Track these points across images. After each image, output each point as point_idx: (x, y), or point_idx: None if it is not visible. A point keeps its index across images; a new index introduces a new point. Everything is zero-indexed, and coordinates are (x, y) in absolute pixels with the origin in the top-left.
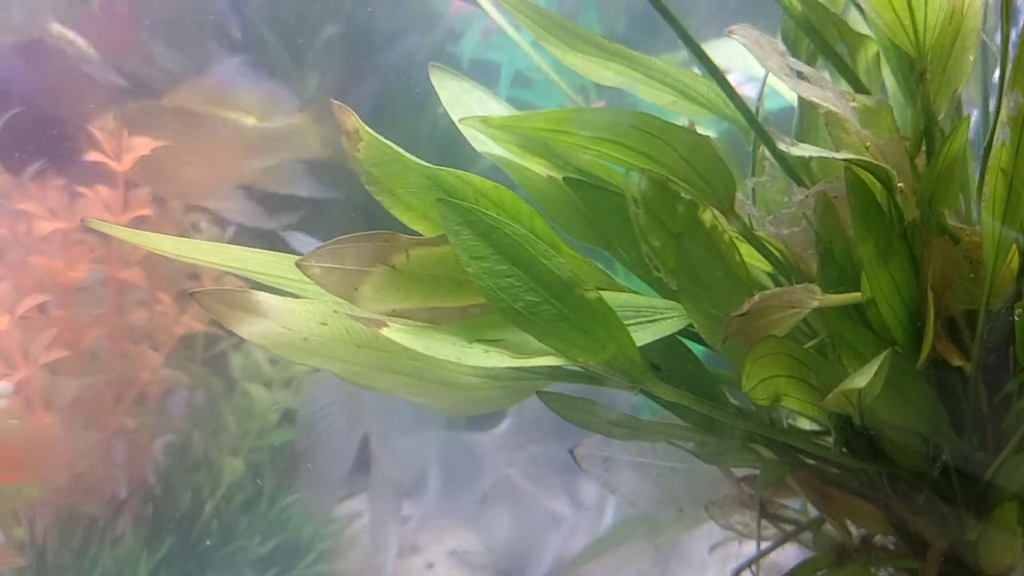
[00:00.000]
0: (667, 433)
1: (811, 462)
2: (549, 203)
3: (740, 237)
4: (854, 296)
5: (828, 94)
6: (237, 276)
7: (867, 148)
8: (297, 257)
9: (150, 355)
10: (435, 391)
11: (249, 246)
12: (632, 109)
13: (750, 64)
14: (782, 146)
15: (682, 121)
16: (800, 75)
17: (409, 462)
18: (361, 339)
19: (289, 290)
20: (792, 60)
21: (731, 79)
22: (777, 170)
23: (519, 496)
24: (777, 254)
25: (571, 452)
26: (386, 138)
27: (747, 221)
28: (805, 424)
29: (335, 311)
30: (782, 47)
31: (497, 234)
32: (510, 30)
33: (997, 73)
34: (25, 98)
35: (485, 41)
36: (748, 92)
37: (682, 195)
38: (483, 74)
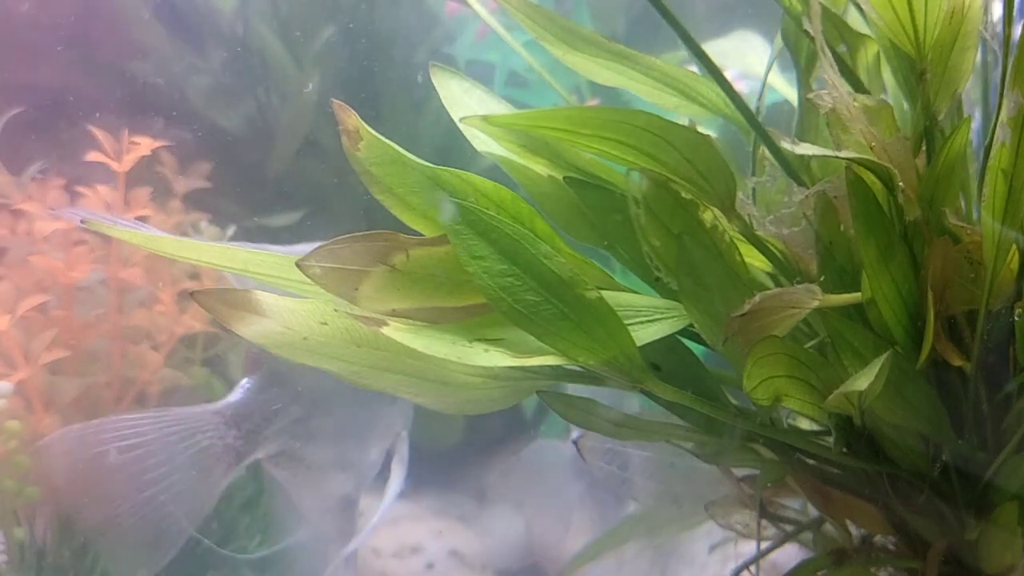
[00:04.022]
0: (667, 433)
1: (811, 462)
2: (549, 203)
3: (740, 237)
4: (854, 296)
5: (841, 86)
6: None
7: (871, 147)
8: (298, 257)
9: (150, 355)
10: (435, 391)
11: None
12: (633, 108)
13: (746, 62)
14: (785, 145)
15: (682, 120)
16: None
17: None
18: (361, 339)
19: (291, 290)
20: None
21: (726, 77)
22: (777, 170)
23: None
24: (777, 254)
25: (575, 443)
26: (386, 138)
27: (747, 221)
28: (805, 424)
29: (335, 311)
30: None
31: (497, 234)
32: (501, 31)
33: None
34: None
35: (480, 42)
36: (742, 89)
37: (683, 195)
38: (478, 75)
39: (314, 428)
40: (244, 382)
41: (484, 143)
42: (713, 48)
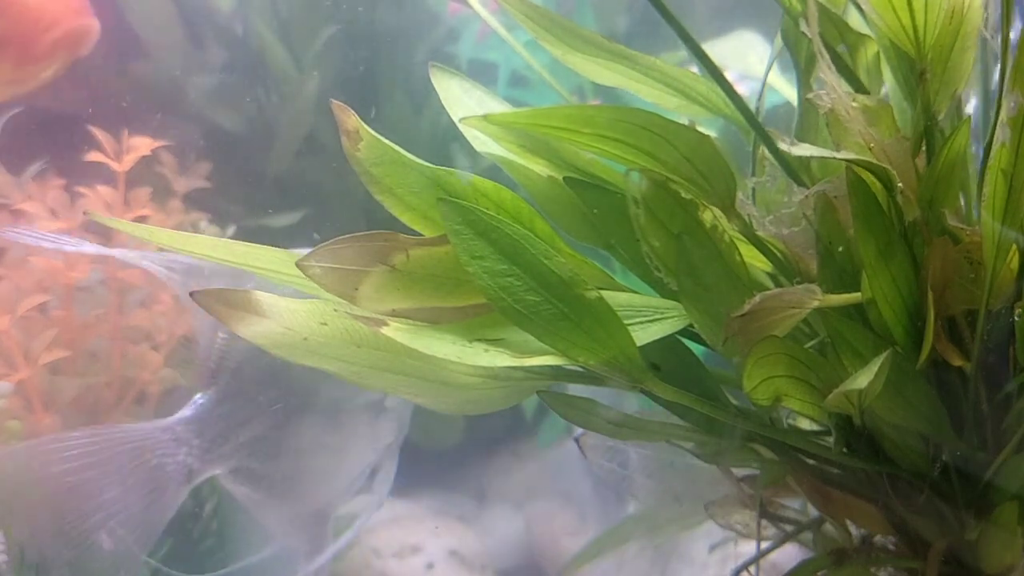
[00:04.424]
0: (667, 433)
1: (811, 462)
2: (549, 203)
3: (740, 237)
4: (854, 296)
5: (840, 88)
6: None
7: (871, 148)
8: (298, 254)
9: (150, 355)
10: (435, 391)
11: None
12: (633, 107)
13: (746, 63)
14: (783, 146)
15: (682, 120)
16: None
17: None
18: (361, 339)
19: (290, 286)
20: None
21: (727, 77)
22: (777, 170)
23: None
24: (777, 254)
25: (576, 440)
26: (386, 138)
27: (747, 221)
28: (805, 424)
29: (335, 311)
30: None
31: (497, 234)
32: (502, 31)
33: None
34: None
35: (482, 41)
36: (742, 91)
37: (682, 195)
38: (480, 74)
39: (279, 444)
40: (198, 396)
41: (484, 143)
42: (713, 48)
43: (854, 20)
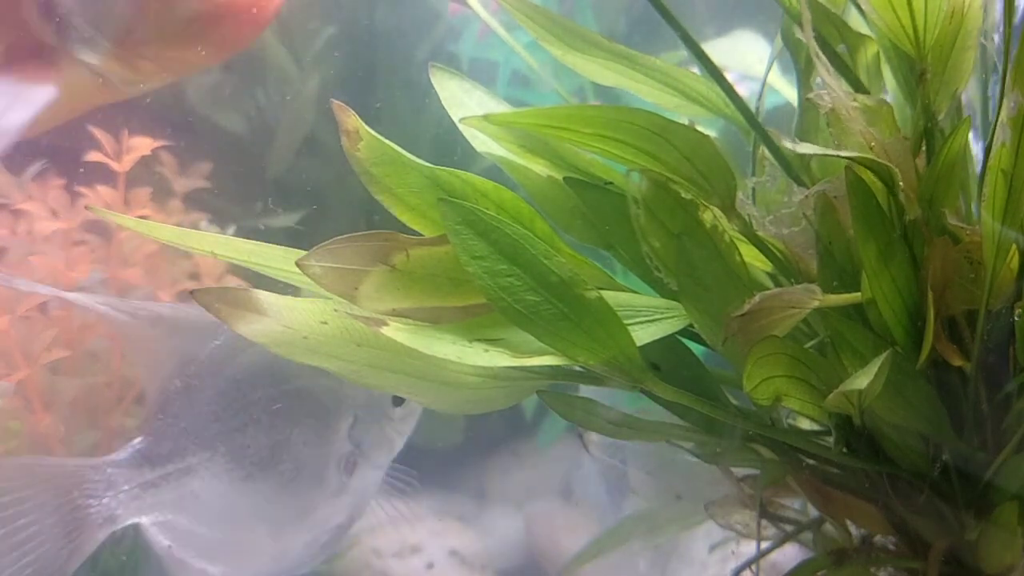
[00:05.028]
0: (667, 433)
1: (811, 462)
2: (549, 203)
3: (740, 237)
4: (854, 296)
5: (839, 88)
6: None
7: (871, 148)
8: (299, 251)
9: None
10: (435, 390)
11: None
12: (633, 107)
13: (746, 62)
14: (786, 144)
15: (682, 120)
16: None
17: None
18: (361, 338)
19: (291, 283)
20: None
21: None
22: (777, 170)
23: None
24: (777, 254)
25: (580, 437)
26: (386, 138)
27: (747, 221)
28: (805, 424)
29: (335, 310)
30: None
31: (497, 234)
32: (502, 31)
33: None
34: None
35: (484, 40)
36: (742, 91)
37: (683, 195)
38: (482, 73)
39: (215, 506)
40: (136, 440)
41: (484, 143)
42: (713, 48)
43: (854, 20)
